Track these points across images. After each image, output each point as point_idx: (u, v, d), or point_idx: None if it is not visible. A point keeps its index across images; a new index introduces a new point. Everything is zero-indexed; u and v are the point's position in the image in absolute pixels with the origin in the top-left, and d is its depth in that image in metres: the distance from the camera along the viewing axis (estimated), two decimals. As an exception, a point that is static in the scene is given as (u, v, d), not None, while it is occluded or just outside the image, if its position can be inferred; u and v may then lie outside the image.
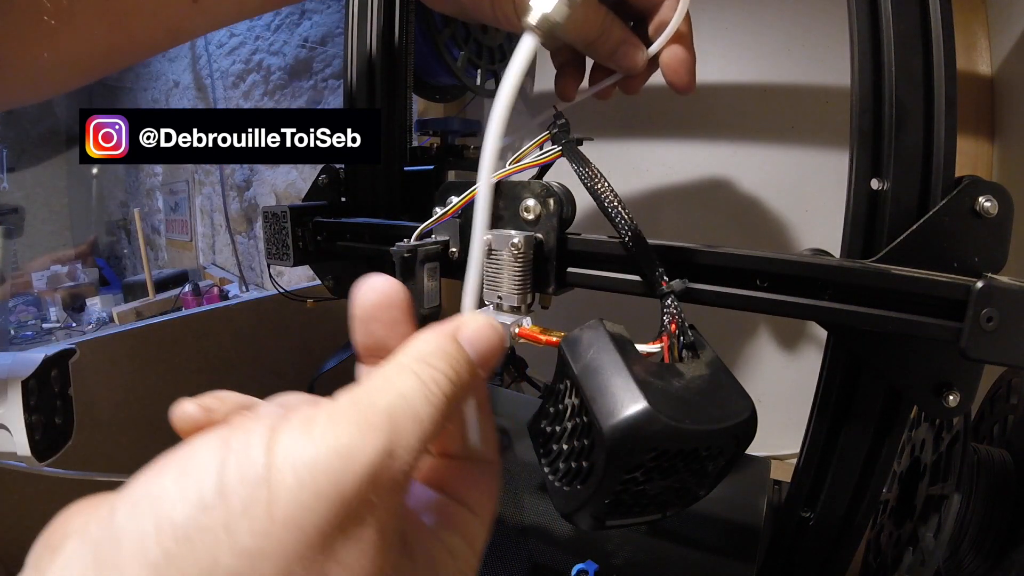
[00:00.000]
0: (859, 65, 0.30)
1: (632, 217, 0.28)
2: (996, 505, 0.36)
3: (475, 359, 0.19)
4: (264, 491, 0.14)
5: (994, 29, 0.59)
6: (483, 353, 0.19)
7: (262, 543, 0.13)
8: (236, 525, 0.13)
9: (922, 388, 0.30)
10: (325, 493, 0.14)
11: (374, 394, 0.16)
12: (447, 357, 0.18)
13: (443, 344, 0.18)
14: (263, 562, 0.13)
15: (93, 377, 0.62)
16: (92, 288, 1.90)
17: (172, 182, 2.01)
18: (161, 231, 2.14)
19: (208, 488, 0.14)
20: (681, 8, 0.32)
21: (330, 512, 0.14)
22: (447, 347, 0.18)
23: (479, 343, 0.19)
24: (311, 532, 0.14)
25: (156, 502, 0.14)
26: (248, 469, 0.14)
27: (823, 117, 0.69)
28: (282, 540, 0.13)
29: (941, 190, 0.29)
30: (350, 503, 0.14)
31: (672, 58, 0.34)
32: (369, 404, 0.16)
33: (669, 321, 0.25)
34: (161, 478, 0.14)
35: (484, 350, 0.19)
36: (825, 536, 0.35)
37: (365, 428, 0.15)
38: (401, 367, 0.17)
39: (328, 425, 0.15)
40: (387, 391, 0.16)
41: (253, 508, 0.13)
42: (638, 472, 0.21)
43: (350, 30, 0.49)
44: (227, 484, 0.14)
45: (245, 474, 0.14)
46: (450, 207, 0.33)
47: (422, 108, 0.86)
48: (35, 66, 0.27)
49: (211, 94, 1.67)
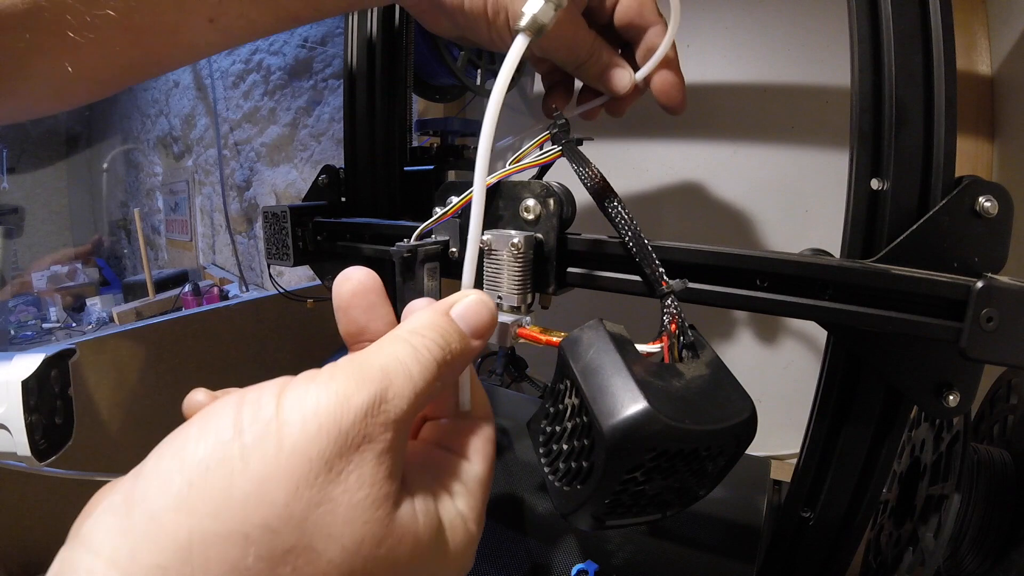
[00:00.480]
0: (859, 65, 0.30)
1: (632, 217, 0.28)
2: (996, 505, 0.36)
3: (467, 330, 0.21)
4: (274, 426, 0.16)
5: (994, 29, 0.59)
6: (474, 325, 0.22)
7: (272, 468, 0.16)
8: (250, 455, 0.16)
9: (922, 388, 0.30)
10: (326, 427, 0.16)
11: (370, 356, 0.19)
12: (438, 328, 0.20)
13: (435, 318, 0.21)
14: (273, 484, 0.15)
15: (93, 377, 0.62)
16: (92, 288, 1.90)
17: (172, 182, 2.01)
18: (161, 231, 2.14)
19: (225, 429, 0.16)
20: (669, 36, 0.34)
21: (330, 442, 0.16)
22: (438, 320, 0.21)
23: (469, 316, 0.22)
24: (315, 458, 0.16)
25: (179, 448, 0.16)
26: (260, 412, 0.16)
27: (823, 117, 0.69)
28: (289, 465, 0.16)
29: (941, 190, 0.29)
30: (347, 435, 0.16)
31: (663, 82, 0.36)
32: (365, 363, 0.18)
33: (669, 321, 0.25)
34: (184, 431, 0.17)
35: (475, 322, 0.22)
36: (825, 536, 0.35)
37: (360, 380, 0.17)
38: (396, 338, 0.20)
39: (329, 378, 0.17)
40: (381, 354, 0.19)
41: (264, 441, 0.16)
42: (638, 472, 0.21)
43: (350, 30, 0.49)
44: (242, 424, 0.16)
45: (257, 416, 0.16)
46: (450, 207, 0.33)
47: (422, 108, 0.86)
48: (59, 78, 0.28)
49: (211, 94, 1.67)
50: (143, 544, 0.15)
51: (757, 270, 0.29)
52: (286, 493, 0.16)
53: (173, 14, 0.28)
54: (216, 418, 0.17)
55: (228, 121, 1.64)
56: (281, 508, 0.15)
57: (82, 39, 0.27)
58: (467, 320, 0.22)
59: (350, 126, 0.50)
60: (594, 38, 0.35)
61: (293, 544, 0.15)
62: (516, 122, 0.88)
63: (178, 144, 1.94)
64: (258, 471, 0.16)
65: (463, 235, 0.34)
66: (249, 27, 0.31)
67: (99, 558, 0.15)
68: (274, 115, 1.48)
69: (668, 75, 0.36)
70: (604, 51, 0.35)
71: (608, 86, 0.36)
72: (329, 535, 0.16)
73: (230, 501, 0.15)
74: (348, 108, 0.50)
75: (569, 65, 0.36)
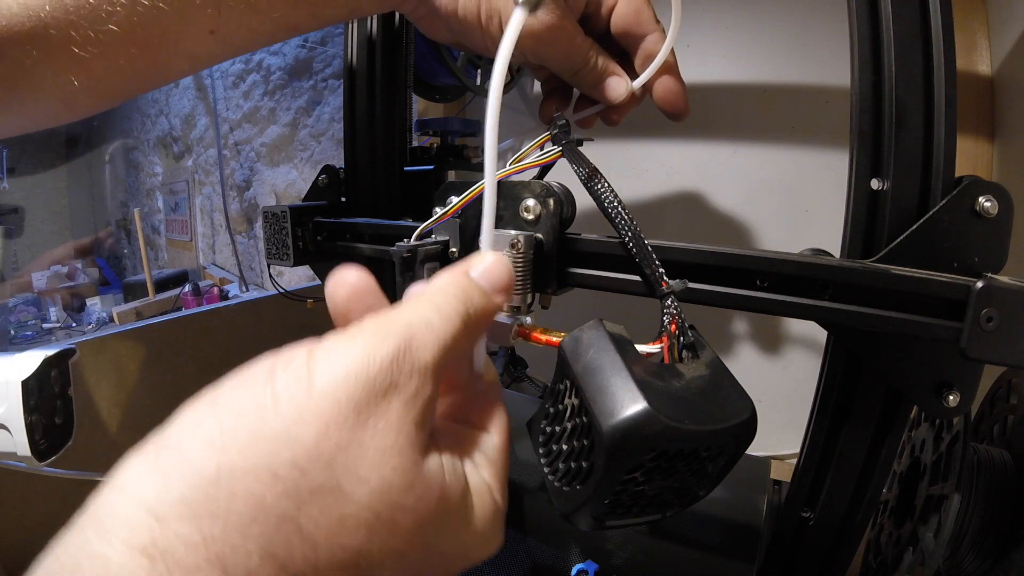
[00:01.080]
0: (859, 65, 0.30)
1: (632, 217, 0.28)
2: (996, 505, 0.36)
3: (487, 288, 0.22)
4: (304, 373, 0.17)
5: (994, 29, 0.59)
6: (494, 282, 0.22)
7: (302, 410, 0.16)
8: (280, 398, 0.16)
9: (922, 388, 0.30)
10: (354, 373, 0.17)
11: (394, 315, 0.19)
12: (457, 286, 0.21)
13: (454, 278, 0.21)
14: (303, 425, 0.16)
15: (93, 377, 0.62)
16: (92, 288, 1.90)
17: (172, 182, 2.01)
18: (161, 231, 2.14)
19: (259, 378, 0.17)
20: (668, 43, 0.34)
21: (359, 388, 0.17)
22: (458, 280, 0.21)
23: (489, 274, 0.22)
24: (344, 402, 0.16)
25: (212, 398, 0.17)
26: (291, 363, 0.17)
27: (823, 117, 0.69)
28: (319, 408, 0.16)
29: (941, 190, 0.29)
30: (375, 381, 0.17)
31: (664, 90, 0.36)
32: (388, 319, 0.19)
33: (669, 321, 0.25)
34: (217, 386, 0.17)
35: (495, 279, 0.22)
36: (825, 536, 0.35)
37: (385, 334, 0.18)
38: (417, 298, 0.20)
39: (355, 334, 0.18)
40: (404, 311, 0.19)
41: (295, 385, 0.17)
42: (638, 472, 0.21)
43: (350, 30, 0.49)
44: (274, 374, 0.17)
45: (288, 366, 0.17)
46: (450, 207, 0.33)
47: (422, 108, 0.86)
48: (66, 91, 0.29)
49: (211, 94, 1.67)
50: (170, 480, 0.15)
51: (757, 270, 0.29)
52: (316, 433, 0.16)
53: (175, 27, 0.29)
54: (250, 373, 0.17)
55: (228, 121, 1.64)
56: (311, 448, 0.16)
57: (87, 54, 0.28)
58: (487, 278, 0.22)
59: (350, 126, 0.50)
60: (590, 45, 0.35)
61: (320, 484, 0.16)
62: (516, 122, 0.88)
63: (178, 144, 1.94)
64: (288, 412, 0.16)
65: (463, 235, 0.34)
66: (250, 37, 0.31)
67: (124, 494, 0.15)
68: (274, 115, 1.48)
69: (669, 82, 0.36)
70: (600, 59, 0.35)
71: (603, 95, 0.36)
72: (358, 477, 0.16)
73: (260, 440, 0.16)
74: (348, 108, 0.50)
75: (565, 72, 0.36)
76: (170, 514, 0.15)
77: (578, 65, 0.35)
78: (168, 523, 0.15)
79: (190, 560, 0.14)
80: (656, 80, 0.35)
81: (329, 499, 0.16)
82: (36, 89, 0.29)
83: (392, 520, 0.17)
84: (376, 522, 0.16)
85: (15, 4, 0.26)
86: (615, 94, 0.36)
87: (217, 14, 0.29)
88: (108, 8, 0.27)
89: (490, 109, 0.23)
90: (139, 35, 0.28)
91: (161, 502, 0.15)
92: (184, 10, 0.28)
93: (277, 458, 0.16)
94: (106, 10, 0.27)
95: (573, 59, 0.34)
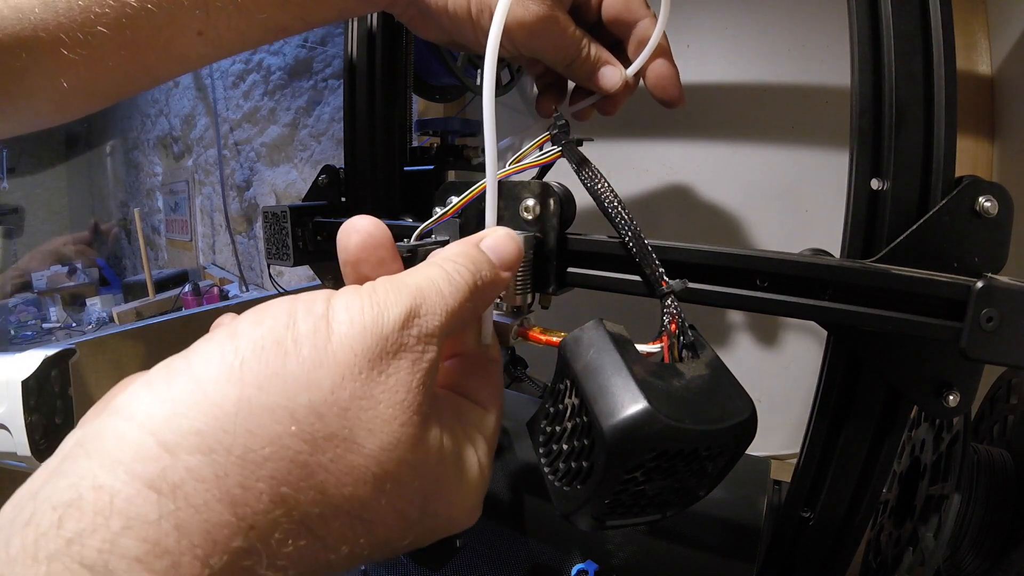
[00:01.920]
0: (859, 65, 0.30)
1: (632, 217, 0.28)
2: (996, 505, 0.36)
3: (496, 262, 0.23)
4: (324, 322, 0.17)
5: (994, 29, 0.59)
6: (503, 256, 0.23)
7: (321, 355, 0.17)
8: (302, 341, 0.17)
9: (922, 388, 0.30)
10: (369, 328, 0.17)
11: (406, 276, 0.20)
12: (469, 256, 0.22)
13: (466, 248, 0.22)
14: (322, 371, 0.16)
15: (93, 377, 0.62)
16: (92, 288, 1.89)
17: (172, 182, 2.01)
18: (161, 231, 2.14)
19: (280, 318, 0.17)
20: (659, 27, 0.33)
21: (373, 342, 0.17)
22: (469, 250, 0.22)
23: (499, 248, 0.23)
24: (360, 352, 0.17)
25: (232, 332, 0.17)
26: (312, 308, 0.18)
27: (823, 117, 0.68)
28: (336, 355, 0.17)
29: (941, 190, 0.29)
30: (387, 339, 0.18)
31: (657, 75, 0.35)
32: (401, 280, 0.20)
33: (669, 321, 0.25)
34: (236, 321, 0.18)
35: (504, 253, 0.23)
36: (825, 536, 0.35)
37: (396, 294, 0.19)
38: (430, 263, 0.21)
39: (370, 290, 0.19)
40: (417, 275, 0.20)
41: (316, 332, 0.17)
42: (638, 472, 0.21)
43: (350, 30, 0.49)
44: (296, 315, 0.17)
45: (310, 311, 0.17)
46: (450, 207, 0.33)
47: (422, 108, 0.86)
48: (57, 93, 0.29)
49: (211, 94, 1.67)
50: (183, 409, 0.15)
51: (757, 270, 0.29)
52: (332, 381, 0.16)
53: (164, 29, 0.29)
54: (271, 309, 0.18)
55: (228, 121, 1.64)
56: (327, 394, 0.16)
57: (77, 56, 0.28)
58: (496, 251, 0.23)
59: (350, 126, 0.50)
60: (582, 35, 0.35)
61: (335, 431, 0.16)
62: (516, 122, 0.88)
63: (178, 144, 1.94)
64: (309, 356, 0.16)
65: (463, 235, 0.34)
66: (239, 39, 0.32)
67: (131, 422, 0.15)
68: (274, 115, 1.48)
69: (662, 67, 0.35)
70: (593, 48, 0.35)
71: (598, 84, 0.36)
72: (370, 430, 0.17)
73: (280, 379, 0.16)
74: (348, 108, 0.50)
75: (559, 64, 0.35)
76: (182, 445, 0.14)
77: (571, 56, 0.35)
78: (179, 455, 0.14)
79: (200, 497, 0.14)
80: (649, 66, 0.35)
81: (342, 448, 0.16)
82: (27, 92, 0.29)
83: (397, 475, 0.17)
84: (382, 475, 0.17)
85: (4, 7, 0.26)
86: (610, 83, 0.35)
87: (205, 16, 0.29)
88: (97, 10, 0.27)
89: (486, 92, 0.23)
90: (128, 37, 0.28)
91: (173, 432, 0.14)
92: (172, 12, 0.28)
93: (296, 400, 0.16)
94: (95, 12, 0.27)
95: (566, 50, 0.34)
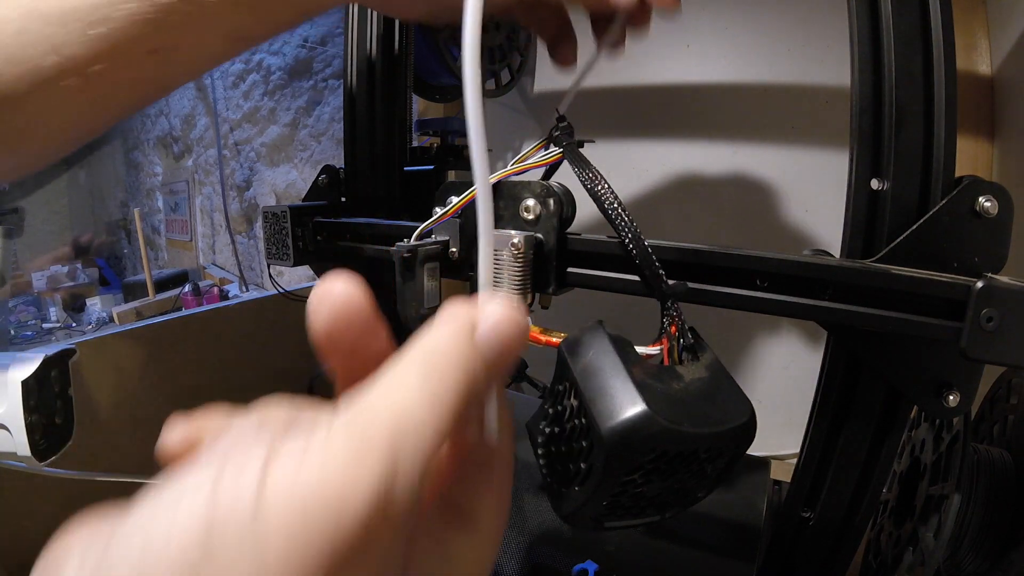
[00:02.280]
0: (859, 65, 0.30)
1: (632, 219, 0.28)
2: (996, 505, 0.36)
3: (496, 356, 0.16)
4: (256, 531, 0.12)
5: (994, 29, 0.59)
6: (506, 342, 0.16)
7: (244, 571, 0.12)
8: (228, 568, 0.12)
9: (922, 388, 0.30)
10: (320, 531, 0.12)
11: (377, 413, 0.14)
12: (461, 358, 0.16)
13: (458, 344, 0.16)
14: None
15: (93, 377, 0.62)
16: (92, 288, 1.90)
17: (172, 182, 2.01)
18: (161, 231, 2.14)
19: (197, 528, 0.12)
20: None
21: (326, 552, 0.12)
22: (462, 348, 0.16)
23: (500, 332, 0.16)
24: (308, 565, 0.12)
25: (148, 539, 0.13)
26: (239, 505, 0.12)
27: (823, 117, 0.69)
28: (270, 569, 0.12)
29: (941, 190, 0.29)
30: (348, 541, 0.12)
31: None
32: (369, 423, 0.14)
33: (669, 323, 0.25)
34: (154, 510, 0.13)
35: (506, 337, 0.16)
36: (825, 536, 0.35)
37: (365, 453, 0.13)
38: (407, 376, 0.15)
39: (325, 446, 0.13)
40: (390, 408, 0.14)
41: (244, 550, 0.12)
42: (637, 474, 0.21)
43: (350, 30, 0.49)
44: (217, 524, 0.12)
45: (235, 507, 0.12)
46: (450, 207, 0.33)
47: (422, 108, 0.86)
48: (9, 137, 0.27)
49: (211, 94, 1.67)
50: None
51: (757, 270, 0.29)
52: None
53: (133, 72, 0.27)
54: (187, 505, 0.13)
55: (228, 121, 1.64)
56: None
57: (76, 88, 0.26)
58: (498, 337, 0.16)
59: (350, 126, 0.50)
60: None
61: None
62: (516, 122, 0.88)
63: (178, 144, 1.94)
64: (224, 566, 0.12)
65: (463, 235, 0.34)
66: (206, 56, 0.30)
67: None
68: (274, 115, 1.48)
69: None
70: None
71: (609, 2, 0.33)
72: None
73: None
74: (348, 108, 0.50)
75: None
76: None
77: None
78: None
79: None
80: None
81: None
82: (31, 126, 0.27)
83: None
84: None
85: None
86: None
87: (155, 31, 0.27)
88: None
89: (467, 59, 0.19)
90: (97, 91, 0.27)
91: None
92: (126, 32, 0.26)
93: None
94: None
95: None
